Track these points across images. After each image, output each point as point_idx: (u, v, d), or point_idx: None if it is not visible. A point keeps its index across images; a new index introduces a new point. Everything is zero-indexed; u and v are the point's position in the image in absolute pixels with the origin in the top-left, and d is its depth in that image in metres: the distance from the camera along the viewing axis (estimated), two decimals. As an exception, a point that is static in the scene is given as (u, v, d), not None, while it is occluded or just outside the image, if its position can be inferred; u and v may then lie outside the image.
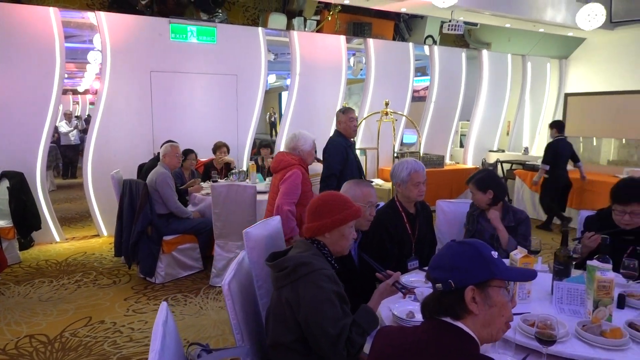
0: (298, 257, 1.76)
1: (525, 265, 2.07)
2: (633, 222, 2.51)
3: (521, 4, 6.87)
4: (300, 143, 3.65)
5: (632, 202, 2.48)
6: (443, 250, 1.30)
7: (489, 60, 8.71)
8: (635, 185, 2.55)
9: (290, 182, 3.42)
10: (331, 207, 1.87)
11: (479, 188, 2.92)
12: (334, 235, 1.88)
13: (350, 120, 4.12)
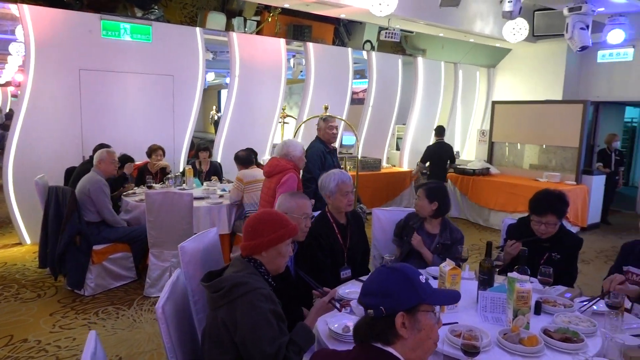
0: (234, 277, 1.75)
1: (453, 276, 2.18)
2: (548, 231, 2.75)
3: (453, 15, 7.17)
4: (291, 150, 3.87)
5: (547, 213, 2.71)
6: (374, 276, 1.34)
7: (423, 66, 9.04)
8: (549, 198, 2.77)
9: (288, 186, 3.67)
10: (268, 225, 1.88)
11: (427, 196, 3.00)
12: (271, 253, 1.88)
13: (330, 129, 4.43)
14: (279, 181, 3.74)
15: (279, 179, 3.75)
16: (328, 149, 4.43)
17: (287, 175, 3.73)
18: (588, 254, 5.95)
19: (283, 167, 3.79)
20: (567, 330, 1.92)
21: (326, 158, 4.34)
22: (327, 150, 4.42)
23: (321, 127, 4.47)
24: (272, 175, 3.83)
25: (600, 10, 6.15)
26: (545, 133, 7.44)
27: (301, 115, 7.63)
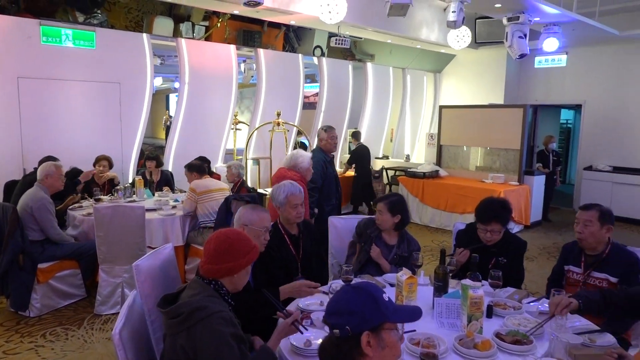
0: (193, 302, 1.70)
1: (410, 285, 2.25)
2: (493, 238, 2.87)
3: (400, 22, 7.36)
4: (299, 161, 3.97)
5: (491, 222, 2.83)
6: (339, 295, 1.37)
7: (373, 71, 9.23)
8: (493, 206, 2.89)
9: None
10: (239, 248, 1.81)
11: (389, 210, 3.01)
12: (242, 274, 1.84)
13: (332, 138, 4.52)
14: None
15: None
16: (328, 158, 4.52)
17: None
18: (532, 252, 6.27)
19: (290, 178, 3.76)
20: (517, 332, 2.02)
21: (327, 167, 4.42)
22: (327, 160, 4.50)
23: (323, 137, 4.53)
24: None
25: (536, 20, 6.51)
26: (489, 136, 7.78)
27: (253, 122, 7.58)
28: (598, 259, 2.72)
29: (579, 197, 8.68)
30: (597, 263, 2.71)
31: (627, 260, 2.66)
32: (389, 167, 8.89)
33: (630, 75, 8.35)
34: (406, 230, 3.13)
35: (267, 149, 7.43)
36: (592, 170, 8.62)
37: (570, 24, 6.78)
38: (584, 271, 2.75)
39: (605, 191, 8.28)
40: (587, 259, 2.77)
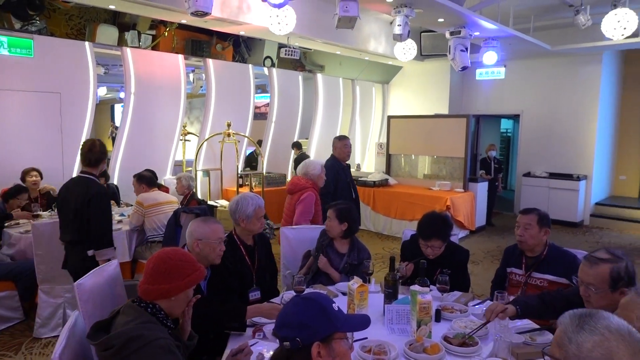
0: (126, 331, 1.58)
1: (361, 293, 2.27)
2: (435, 253, 2.93)
3: (348, 34, 7.51)
4: (310, 169, 4.18)
5: (432, 238, 2.90)
6: (289, 307, 1.36)
7: (323, 82, 9.33)
8: (434, 223, 2.94)
9: (306, 203, 4.03)
10: (179, 270, 1.73)
11: (337, 217, 3.04)
12: (180, 297, 1.75)
13: (345, 147, 4.79)
14: (299, 198, 4.08)
15: (299, 196, 4.10)
16: (341, 165, 4.75)
17: (306, 193, 4.08)
18: (477, 255, 6.51)
19: (303, 185, 4.13)
20: (463, 335, 2.09)
21: (339, 175, 4.65)
22: (341, 167, 4.73)
23: (337, 146, 4.78)
24: (294, 193, 4.19)
25: (476, 34, 6.82)
26: (435, 145, 8.04)
27: (203, 133, 7.46)
28: (537, 260, 2.85)
29: (519, 202, 9.11)
30: (537, 264, 2.85)
31: (566, 260, 2.81)
32: (340, 177, 8.97)
33: (562, 87, 8.91)
34: (357, 238, 3.17)
35: (217, 160, 7.32)
36: (530, 176, 9.08)
37: (508, 38, 7.16)
38: (525, 272, 2.89)
39: (543, 196, 8.75)
40: (527, 260, 2.90)
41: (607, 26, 5.99)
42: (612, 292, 1.95)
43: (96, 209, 3.15)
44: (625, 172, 9.67)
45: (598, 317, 1.17)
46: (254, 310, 2.28)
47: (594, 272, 1.97)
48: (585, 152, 8.76)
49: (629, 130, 9.58)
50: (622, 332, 1.11)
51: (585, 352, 1.11)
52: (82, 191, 3.15)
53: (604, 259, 1.99)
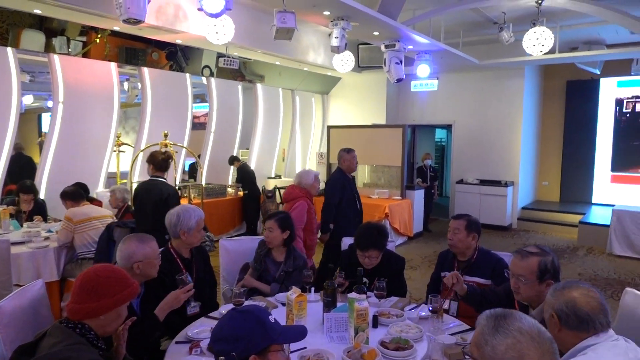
0: (52, 355, 1.48)
1: (299, 303, 2.28)
2: (372, 263, 3.01)
3: (287, 45, 7.57)
4: (303, 179, 4.38)
5: (369, 249, 2.97)
6: (225, 321, 1.35)
7: (262, 92, 9.31)
8: (370, 234, 3.01)
9: (297, 212, 4.18)
10: (107, 287, 1.66)
11: (280, 226, 3.05)
12: (110, 316, 1.67)
13: (353, 158, 4.89)
14: (291, 207, 4.25)
15: (292, 205, 4.29)
16: (347, 178, 4.82)
17: (298, 202, 4.25)
18: (415, 261, 6.72)
19: (296, 194, 4.32)
20: (399, 339, 2.15)
21: (346, 186, 4.73)
22: (347, 179, 4.81)
23: (345, 158, 4.84)
24: (288, 201, 4.39)
25: (410, 47, 7.10)
26: (373, 154, 8.24)
27: (139, 143, 7.20)
28: (468, 264, 3.00)
29: (454, 208, 9.52)
30: (468, 267, 2.99)
31: (493, 262, 2.97)
32: (282, 187, 8.96)
33: (490, 99, 9.45)
34: (294, 246, 3.19)
35: (154, 172, 7.08)
36: (463, 183, 9.53)
37: (439, 52, 7.51)
38: (457, 276, 3.02)
39: (475, 202, 9.20)
40: (459, 264, 3.05)
41: (527, 43, 6.44)
42: (540, 284, 2.13)
43: (173, 203, 3.84)
44: (547, 178, 10.39)
45: (512, 319, 1.25)
46: (162, 307, 2.29)
47: (524, 264, 2.15)
48: (512, 159, 9.33)
49: (549, 139, 10.31)
50: (532, 334, 1.20)
51: (500, 355, 1.20)
52: (157, 190, 4.00)
53: (533, 252, 2.17)
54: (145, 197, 4.03)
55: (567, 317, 1.64)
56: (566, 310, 1.64)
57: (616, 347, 1.57)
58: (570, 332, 1.64)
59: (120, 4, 3.51)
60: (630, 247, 7.03)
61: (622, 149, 9.57)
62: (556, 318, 1.66)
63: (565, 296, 1.68)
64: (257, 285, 3.04)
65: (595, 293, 1.69)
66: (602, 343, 1.59)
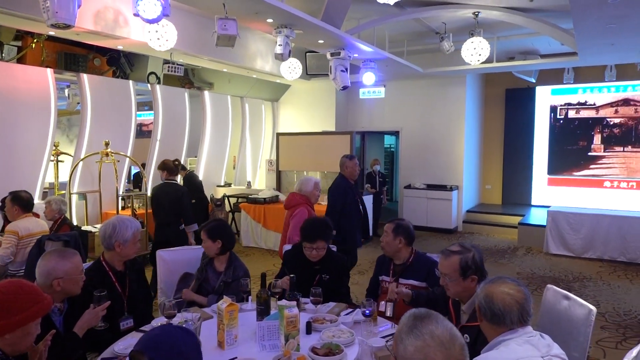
0: None
1: (230, 312, 2.24)
2: (319, 254, 3.08)
3: (234, 53, 7.51)
4: (303, 186, 4.52)
5: (317, 240, 3.03)
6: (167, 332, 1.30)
7: (210, 100, 9.18)
8: (317, 225, 3.11)
9: (298, 218, 4.24)
10: (15, 302, 1.58)
11: (209, 237, 3.01)
12: (17, 334, 1.57)
13: (356, 165, 4.97)
14: (292, 214, 4.37)
15: (292, 212, 4.39)
16: (350, 184, 4.90)
17: (298, 209, 4.36)
18: (363, 265, 6.79)
19: (296, 201, 4.44)
20: (330, 344, 2.15)
21: (348, 193, 4.80)
22: (349, 186, 4.88)
23: (348, 165, 4.92)
24: (289, 208, 4.49)
25: (355, 56, 7.22)
26: (322, 160, 8.30)
27: (78, 152, 6.91)
28: (404, 267, 3.06)
29: (402, 212, 9.71)
30: (403, 270, 3.05)
31: (427, 265, 3.05)
32: (231, 195, 8.86)
33: (434, 106, 9.74)
34: (236, 256, 3.14)
35: (95, 182, 6.81)
36: (410, 188, 9.74)
37: (384, 60, 7.67)
38: (393, 279, 3.07)
39: (422, 206, 9.43)
40: (395, 267, 3.11)
41: (465, 52, 6.71)
42: (464, 280, 2.23)
43: (186, 200, 5.14)
44: (490, 182, 10.80)
45: (428, 322, 1.29)
46: (80, 326, 2.22)
47: (447, 263, 2.26)
48: (456, 164, 9.63)
49: (491, 145, 10.73)
50: (443, 339, 1.24)
51: (409, 355, 1.24)
52: (172, 190, 5.12)
53: (454, 251, 2.28)
54: (163, 196, 5.10)
55: (484, 310, 1.71)
56: (484, 303, 1.72)
57: (528, 342, 1.64)
58: (488, 325, 1.72)
59: (47, 7, 3.36)
60: (564, 246, 7.40)
61: (557, 153, 10.10)
62: (479, 311, 1.73)
63: (486, 290, 1.75)
64: (195, 298, 2.99)
65: (516, 290, 1.74)
66: (516, 338, 1.65)
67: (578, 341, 2.29)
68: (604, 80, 8.87)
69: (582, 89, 9.83)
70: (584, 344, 2.27)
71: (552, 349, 1.63)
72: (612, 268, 6.72)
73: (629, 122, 9.48)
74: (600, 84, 9.48)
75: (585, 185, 9.81)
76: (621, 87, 9.44)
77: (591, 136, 9.81)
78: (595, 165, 9.76)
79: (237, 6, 4.90)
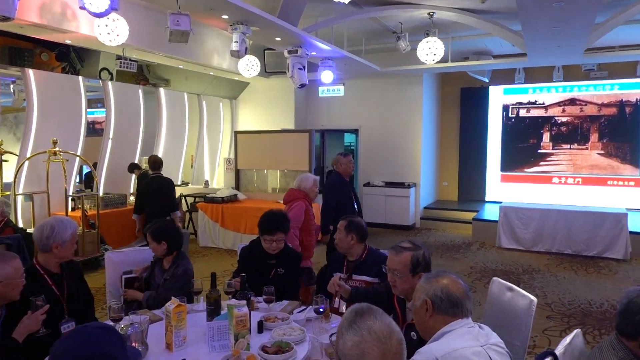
0: None
1: (178, 314, 2.21)
2: (279, 247, 3.12)
3: (191, 49, 7.38)
4: (303, 182, 4.55)
5: (277, 232, 3.07)
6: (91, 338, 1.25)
7: (166, 97, 8.98)
8: (276, 218, 3.15)
9: (295, 211, 4.33)
10: None
11: (153, 238, 3.01)
12: None
13: (351, 162, 5.24)
14: (290, 208, 4.39)
15: (290, 206, 4.43)
16: (344, 181, 5.15)
17: (296, 203, 4.41)
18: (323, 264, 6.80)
19: (295, 196, 4.49)
20: (280, 342, 2.16)
21: (342, 190, 5.07)
22: (344, 182, 5.14)
23: (343, 162, 5.20)
24: (287, 202, 4.53)
25: (313, 54, 7.23)
26: (281, 159, 8.28)
27: (24, 151, 6.61)
28: (357, 263, 3.10)
29: (361, 210, 9.80)
30: (356, 267, 3.09)
31: (379, 261, 3.10)
32: (188, 194, 8.70)
33: (393, 105, 9.89)
34: (184, 255, 3.14)
35: (43, 182, 6.52)
36: (369, 186, 9.86)
37: (342, 59, 7.72)
38: (346, 275, 3.11)
39: (381, 203, 9.57)
40: (348, 264, 3.14)
41: (421, 52, 6.84)
42: (413, 277, 2.26)
43: (172, 191, 6.19)
44: (446, 178, 11.08)
45: (367, 317, 1.32)
46: (19, 331, 2.19)
47: (398, 259, 2.29)
48: (414, 162, 9.82)
49: (447, 143, 11.01)
50: (380, 334, 1.27)
51: (347, 350, 1.26)
52: (163, 181, 6.13)
53: (406, 247, 2.32)
54: (153, 188, 6.00)
55: (440, 301, 1.75)
56: (441, 295, 1.75)
57: (469, 333, 1.70)
58: (440, 317, 1.75)
59: (-17, -2, 3.19)
60: (515, 240, 7.69)
61: (510, 150, 10.48)
62: (430, 304, 1.75)
63: (439, 283, 1.79)
64: (136, 295, 2.98)
65: (460, 281, 1.81)
66: (457, 330, 1.71)
67: (520, 330, 2.38)
68: (552, 81, 9.26)
69: (532, 89, 10.23)
70: (526, 332, 2.36)
71: (490, 339, 1.70)
72: (559, 260, 7.04)
73: (575, 120, 9.95)
74: (549, 84, 9.90)
75: (536, 181, 10.23)
76: (568, 87, 9.89)
77: (541, 134, 10.23)
78: (544, 162, 10.19)
79: (191, 1, 4.82)
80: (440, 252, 7.55)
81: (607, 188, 9.65)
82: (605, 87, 9.65)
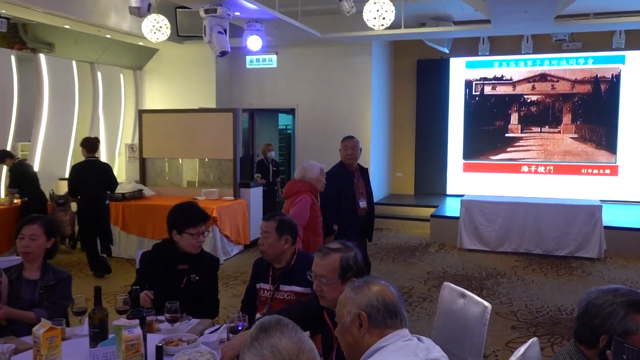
0: None
1: (50, 340, 2.11)
2: (202, 240, 3.16)
3: (80, 4, 7.07)
4: (308, 172, 4.60)
5: (201, 223, 3.11)
6: None
7: (49, 66, 8.54)
8: (195, 208, 3.23)
9: (299, 207, 4.43)
10: None
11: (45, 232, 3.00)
12: None
13: (345, 149, 5.21)
14: (293, 202, 4.51)
15: (293, 200, 4.53)
16: (346, 171, 5.19)
17: (300, 196, 4.49)
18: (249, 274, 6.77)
19: (298, 188, 4.57)
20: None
21: (344, 182, 5.11)
22: (346, 173, 5.18)
23: (340, 148, 5.27)
24: (289, 196, 4.64)
25: (237, 14, 7.13)
26: (199, 145, 8.14)
27: None
28: (285, 271, 3.10)
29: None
30: (284, 275, 3.09)
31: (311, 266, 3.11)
32: (79, 189, 8.35)
33: (335, 77, 9.99)
34: (50, 263, 3.10)
35: None
36: (309, 177, 9.90)
37: (273, 21, 7.67)
38: (272, 286, 3.10)
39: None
40: (274, 272, 3.13)
41: (367, 15, 6.91)
42: (342, 283, 2.27)
43: (111, 175, 6.93)
44: (401, 168, 11.37)
45: (272, 333, 1.32)
46: None
47: (325, 263, 2.32)
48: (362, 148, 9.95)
49: (402, 126, 11.29)
50: (285, 355, 1.28)
51: None
52: (98, 165, 6.83)
53: (334, 248, 2.36)
54: (90, 171, 6.59)
55: (377, 311, 1.77)
56: (377, 304, 1.77)
57: (406, 347, 1.74)
58: (376, 331, 1.77)
59: None
60: (478, 240, 8.03)
61: (473, 134, 10.91)
62: (364, 317, 1.76)
63: (371, 290, 1.81)
64: (19, 314, 2.81)
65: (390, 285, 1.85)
66: (392, 344, 1.74)
67: (472, 343, 2.48)
68: (521, 53, 9.72)
69: (499, 62, 10.69)
70: (479, 345, 2.46)
71: (431, 353, 1.75)
72: (527, 262, 7.43)
73: (546, 99, 10.51)
74: (517, 56, 10.38)
75: (503, 170, 10.73)
76: (538, 60, 10.43)
77: (508, 115, 10.72)
78: (512, 148, 10.70)
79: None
80: (393, 256, 7.73)
81: (581, 177, 10.29)
82: (579, 60, 10.25)
